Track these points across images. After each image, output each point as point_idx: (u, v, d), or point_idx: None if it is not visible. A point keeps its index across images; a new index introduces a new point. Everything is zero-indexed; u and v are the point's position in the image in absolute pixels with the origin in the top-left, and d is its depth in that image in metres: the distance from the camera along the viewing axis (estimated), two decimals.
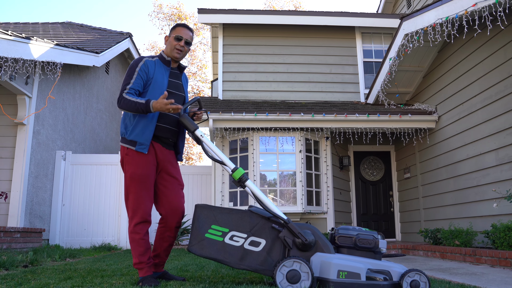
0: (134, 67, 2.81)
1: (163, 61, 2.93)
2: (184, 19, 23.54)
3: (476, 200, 5.93)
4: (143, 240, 2.73)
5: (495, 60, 5.61)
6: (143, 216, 2.74)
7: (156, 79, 2.83)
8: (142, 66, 2.81)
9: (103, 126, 10.39)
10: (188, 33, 2.94)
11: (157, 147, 2.85)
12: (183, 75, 3.08)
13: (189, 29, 2.96)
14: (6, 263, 3.83)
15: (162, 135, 2.86)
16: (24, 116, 6.48)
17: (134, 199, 2.75)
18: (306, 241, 2.58)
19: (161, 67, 2.90)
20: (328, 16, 8.59)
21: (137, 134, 2.76)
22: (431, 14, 5.97)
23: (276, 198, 7.22)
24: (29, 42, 5.89)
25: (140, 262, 2.72)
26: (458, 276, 3.67)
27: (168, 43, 2.93)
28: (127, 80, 2.78)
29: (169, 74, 2.93)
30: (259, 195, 2.70)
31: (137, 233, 2.73)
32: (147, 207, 2.76)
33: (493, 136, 5.62)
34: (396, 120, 7.27)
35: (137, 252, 2.72)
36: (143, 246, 2.73)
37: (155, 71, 2.85)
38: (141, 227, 2.74)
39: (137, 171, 2.75)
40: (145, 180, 2.76)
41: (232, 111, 7.15)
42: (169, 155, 2.93)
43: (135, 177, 2.75)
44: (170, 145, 2.95)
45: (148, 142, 2.76)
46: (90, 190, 7.73)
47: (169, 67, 2.94)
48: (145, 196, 2.76)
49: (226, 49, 8.66)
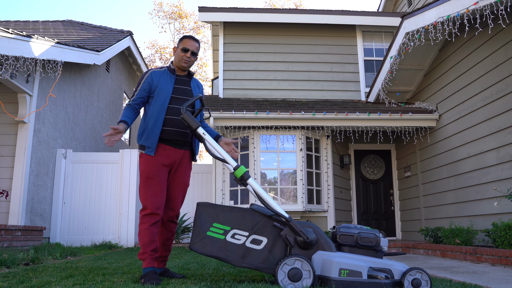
0: (140, 81, 3.12)
1: (170, 70, 3.17)
2: (184, 17, 23.51)
3: (477, 199, 5.94)
4: (148, 230, 2.88)
5: (496, 59, 5.61)
6: (151, 208, 2.91)
7: (161, 86, 3.07)
8: (147, 78, 3.10)
9: (104, 124, 10.38)
10: (194, 44, 3.15)
11: (168, 149, 3.04)
12: (194, 80, 3.28)
13: (195, 41, 3.18)
14: (7, 261, 3.83)
15: (172, 138, 3.04)
16: (25, 114, 6.48)
17: (142, 193, 2.95)
18: (307, 239, 2.59)
19: (167, 76, 3.14)
20: (329, 15, 8.59)
21: (145, 139, 3.01)
22: (432, 12, 5.97)
23: (276, 196, 7.23)
24: (30, 40, 5.89)
25: (144, 252, 2.86)
26: (459, 274, 3.67)
27: (176, 54, 3.17)
28: (133, 93, 3.13)
29: (174, 81, 3.12)
30: (260, 193, 2.71)
31: (144, 223, 2.91)
32: (154, 200, 2.92)
33: (493, 134, 5.62)
34: (396, 118, 7.27)
35: (142, 242, 2.88)
36: (148, 236, 2.87)
37: (160, 80, 3.10)
38: (148, 218, 2.91)
39: (146, 169, 2.97)
40: (153, 177, 2.94)
41: (233, 109, 7.15)
42: (182, 155, 3.09)
43: (144, 174, 2.98)
44: (183, 145, 3.10)
45: (154, 146, 2.98)
46: (91, 188, 7.73)
47: (174, 75, 3.14)
48: (152, 190, 2.93)
49: (227, 47, 8.66)
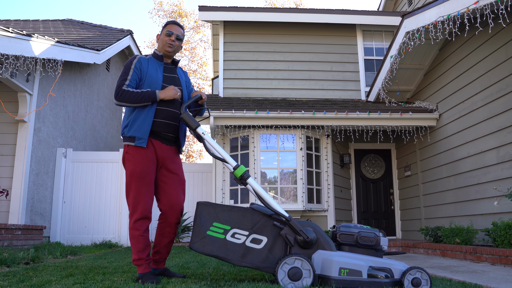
0: (129, 65, 2.91)
1: (156, 57, 3.03)
2: (184, 17, 23.48)
3: (477, 198, 5.94)
4: (143, 237, 2.76)
5: (496, 58, 5.60)
6: (142, 213, 2.77)
7: (150, 74, 2.91)
8: (136, 63, 2.92)
9: (104, 123, 10.38)
10: (179, 29, 3.04)
11: (156, 144, 2.87)
12: (179, 68, 3.16)
13: (179, 26, 3.06)
14: (7, 260, 3.84)
15: (162, 130, 2.88)
16: (25, 113, 6.48)
17: (134, 195, 2.78)
18: (307, 239, 2.59)
19: (154, 63, 2.99)
20: (329, 14, 8.58)
21: (135, 130, 2.81)
22: (432, 12, 5.96)
23: (276, 196, 7.23)
24: (30, 39, 5.88)
25: (139, 259, 2.74)
26: (459, 274, 3.67)
27: (160, 39, 3.04)
28: (124, 76, 2.87)
29: (163, 69, 3.00)
30: (260, 192, 2.70)
31: (137, 229, 2.75)
32: (147, 203, 2.79)
33: (494, 134, 5.62)
34: (397, 118, 7.27)
35: (136, 249, 2.74)
36: (143, 243, 2.75)
37: (149, 66, 2.94)
38: (141, 223, 2.77)
39: (137, 168, 2.79)
40: (144, 176, 2.79)
41: (233, 108, 7.14)
42: (169, 151, 2.94)
43: (135, 174, 2.79)
44: (170, 141, 2.96)
45: (146, 136, 2.79)
46: (91, 188, 7.73)
47: (162, 62, 3.02)
48: (144, 193, 2.78)
49: (227, 46, 8.65)
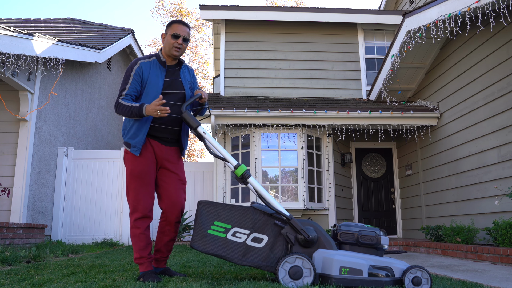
0: (129, 72, 2.84)
1: (159, 61, 2.91)
2: (185, 15, 23.48)
3: (478, 197, 5.93)
4: (144, 235, 2.77)
5: (498, 57, 5.60)
6: (143, 211, 2.78)
7: (151, 81, 2.84)
8: (136, 69, 2.83)
9: (105, 122, 10.39)
10: (185, 29, 2.90)
11: (155, 145, 2.87)
12: (184, 68, 3.03)
13: (185, 25, 2.92)
14: (9, 259, 3.85)
15: (160, 135, 2.88)
16: (27, 112, 6.49)
17: (133, 195, 2.80)
18: (308, 238, 2.59)
19: (156, 68, 2.89)
20: (330, 13, 8.57)
21: (130, 137, 2.81)
22: (433, 10, 5.96)
23: (277, 194, 7.24)
24: (31, 38, 5.89)
25: (141, 257, 2.76)
26: (459, 273, 3.67)
27: (166, 41, 2.90)
28: (123, 86, 2.83)
29: (165, 74, 2.90)
30: (261, 191, 2.70)
31: (137, 228, 2.77)
32: (146, 202, 2.80)
33: (495, 133, 5.61)
34: (398, 117, 7.27)
35: (138, 247, 2.76)
36: (144, 241, 2.76)
37: (150, 72, 2.85)
38: (141, 222, 2.78)
39: (135, 168, 2.80)
40: (143, 176, 2.80)
41: (234, 107, 7.15)
42: (169, 151, 2.93)
43: (134, 174, 2.81)
44: (170, 142, 2.94)
45: (140, 145, 2.79)
46: (92, 186, 7.75)
47: (165, 68, 2.92)
48: (144, 192, 2.79)
49: (228, 45, 8.65)
